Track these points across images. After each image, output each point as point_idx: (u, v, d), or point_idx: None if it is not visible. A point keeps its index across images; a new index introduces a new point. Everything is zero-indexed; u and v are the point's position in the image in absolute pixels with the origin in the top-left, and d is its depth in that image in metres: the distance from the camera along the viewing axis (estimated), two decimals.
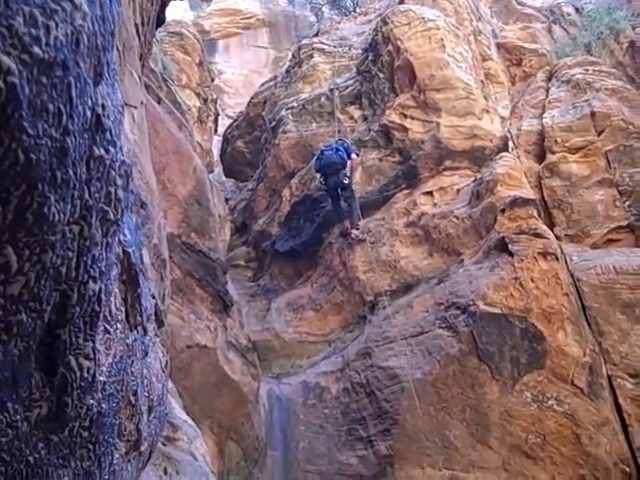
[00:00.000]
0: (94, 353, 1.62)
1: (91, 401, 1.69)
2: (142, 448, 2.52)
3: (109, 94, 1.31)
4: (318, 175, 11.60)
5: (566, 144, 11.38)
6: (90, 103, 1.19)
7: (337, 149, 11.19)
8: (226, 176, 16.96)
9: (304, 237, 12.25)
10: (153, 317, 2.86)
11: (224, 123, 18.74)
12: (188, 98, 14.02)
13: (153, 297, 2.95)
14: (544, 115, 12.09)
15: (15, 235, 1.10)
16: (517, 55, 14.36)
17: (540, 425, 8.42)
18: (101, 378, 1.74)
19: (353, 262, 11.01)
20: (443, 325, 9.23)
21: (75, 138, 1.16)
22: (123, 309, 2.02)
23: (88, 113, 1.19)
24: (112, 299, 1.78)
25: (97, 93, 1.23)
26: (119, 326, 1.89)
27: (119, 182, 1.48)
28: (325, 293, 11.18)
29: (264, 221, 13.32)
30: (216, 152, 17.39)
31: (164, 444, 5.07)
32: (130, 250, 2.10)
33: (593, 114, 11.50)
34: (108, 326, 1.77)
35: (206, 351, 8.44)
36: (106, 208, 1.45)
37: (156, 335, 2.96)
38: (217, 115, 16.62)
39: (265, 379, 10.17)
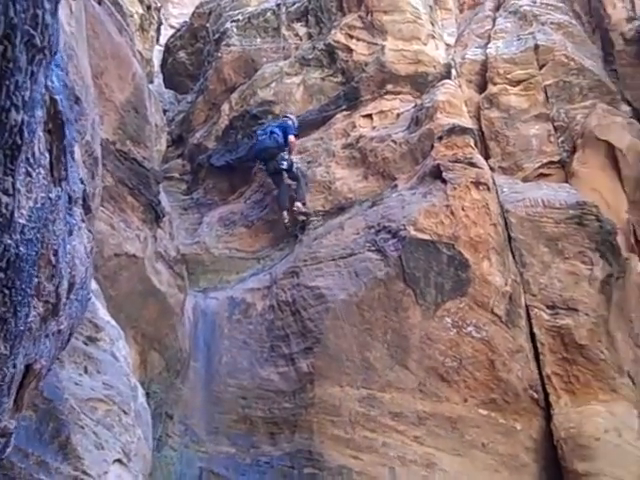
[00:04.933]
0: (14, 190, 1.59)
1: (9, 241, 1.68)
2: (61, 320, 2.50)
3: None
4: (258, 161, 11.23)
5: (508, 76, 11.41)
6: None
7: (272, 132, 10.71)
8: (166, 87, 16.51)
9: (240, 152, 12.06)
10: (81, 202, 2.81)
11: (167, 33, 18.17)
12: (131, 4, 13.50)
13: (82, 182, 2.88)
14: (489, 45, 12.08)
15: None
16: None
17: (457, 350, 8.62)
18: (20, 220, 1.73)
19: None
20: (372, 248, 9.29)
21: None
22: (47, 157, 1.97)
23: None
24: (36, 141, 1.74)
25: None
26: (42, 172, 1.86)
27: (47, 5, 1.41)
28: (258, 210, 11.12)
29: (201, 134, 13.10)
30: (157, 63, 16.93)
31: (85, 343, 5.06)
32: (57, 97, 2.04)
33: (537, 47, 11.53)
34: (30, 169, 1.74)
35: (134, 260, 8.34)
36: (32, 32, 1.39)
37: (82, 221, 2.91)
38: (160, 24, 16.07)
39: (192, 292, 10.15)
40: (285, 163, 10.56)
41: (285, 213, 10.66)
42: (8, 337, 1.95)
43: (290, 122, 11.06)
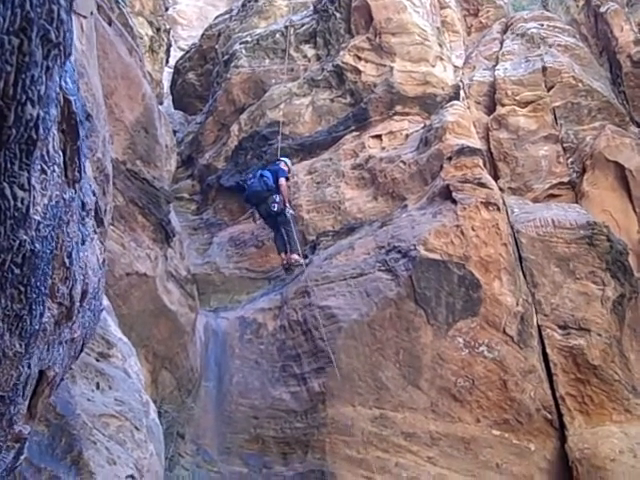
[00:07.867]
0: (29, 185, 1.60)
1: (24, 237, 1.70)
2: (74, 327, 2.50)
3: None
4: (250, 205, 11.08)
5: (516, 97, 11.47)
6: None
7: (261, 175, 10.52)
8: (175, 108, 16.58)
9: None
10: (93, 213, 2.83)
11: (176, 55, 18.32)
12: (140, 26, 13.64)
13: (94, 194, 2.91)
14: (497, 67, 12.15)
15: None
16: (475, 5, 14.33)
17: (470, 370, 8.62)
18: (35, 217, 1.74)
19: (298, 201, 11.00)
20: (383, 268, 9.30)
21: None
22: (61, 156, 1.99)
23: None
24: (50, 139, 1.75)
25: None
26: (56, 170, 1.87)
27: (62, 2, 1.44)
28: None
29: (211, 155, 13.15)
30: (166, 84, 17.04)
31: (97, 359, 5.06)
32: (71, 98, 2.06)
33: (545, 69, 11.60)
34: (45, 166, 1.75)
35: (145, 279, 8.35)
36: (48, 26, 1.41)
37: (94, 232, 2.93)
38: (169, 46, 16.21)
39: (203, 312, 10.15)
40: (276, 206, 10.34)
41: (283, 255, 10.55)
42: (23, 335, 1.97)
43: (283, 164, 10.90)
